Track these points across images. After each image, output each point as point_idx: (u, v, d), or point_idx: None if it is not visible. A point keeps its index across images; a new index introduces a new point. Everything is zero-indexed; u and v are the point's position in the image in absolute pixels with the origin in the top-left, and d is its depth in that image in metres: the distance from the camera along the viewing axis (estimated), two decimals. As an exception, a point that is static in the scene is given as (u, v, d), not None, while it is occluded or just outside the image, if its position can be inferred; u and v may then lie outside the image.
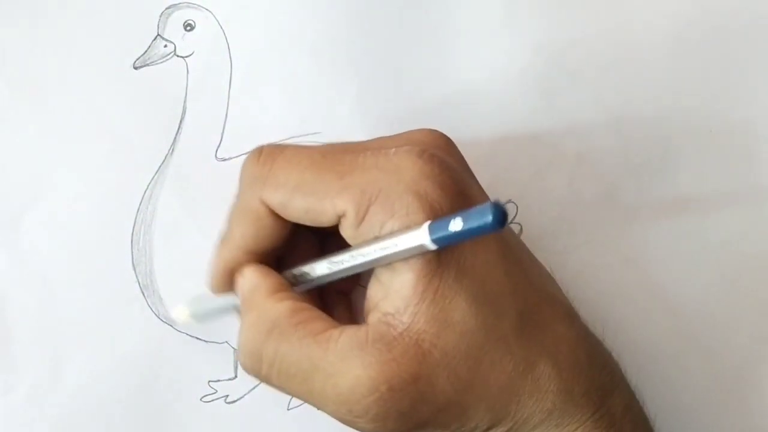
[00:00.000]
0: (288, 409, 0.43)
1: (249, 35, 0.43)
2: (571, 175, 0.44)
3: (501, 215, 0.31)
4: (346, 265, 0.35)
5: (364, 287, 0.37)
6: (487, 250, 0.35)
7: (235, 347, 0.43)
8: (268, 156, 0.37)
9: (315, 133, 0.43)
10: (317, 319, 0.35)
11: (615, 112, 0.44)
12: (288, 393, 0.36)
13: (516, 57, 0.44)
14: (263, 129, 0.43)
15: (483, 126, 0.39)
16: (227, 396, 0.43)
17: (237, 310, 0.39)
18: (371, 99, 0.43)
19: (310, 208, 0.35)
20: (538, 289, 0.37)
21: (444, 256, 0.34)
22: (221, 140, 0.43)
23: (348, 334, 0.34)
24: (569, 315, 0.38)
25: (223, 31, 0.43)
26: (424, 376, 0.34)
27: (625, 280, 0.44)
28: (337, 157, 0.36)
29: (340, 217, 0.35)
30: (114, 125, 0.42)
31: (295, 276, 0.37)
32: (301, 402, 0.43)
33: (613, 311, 0.39)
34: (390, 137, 0.37)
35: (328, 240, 0.39)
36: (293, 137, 0.43)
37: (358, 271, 0.36)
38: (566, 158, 0.44)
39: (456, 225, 0.32)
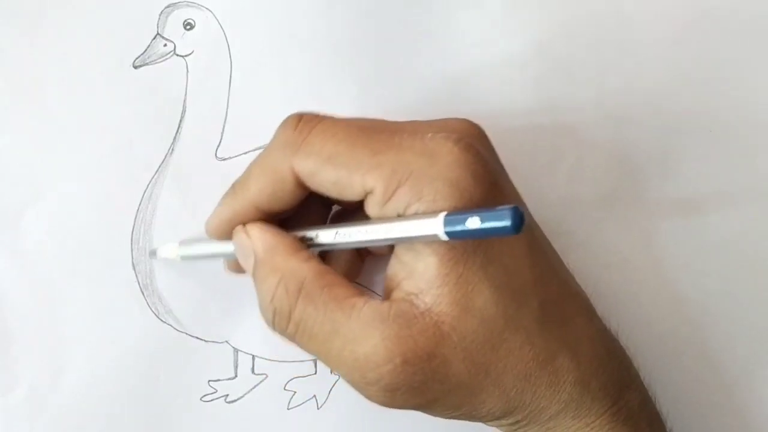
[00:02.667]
0: (288, 409, 0.43)
1: (249, 35, 0.43)
2: (571, 175, 0.44)
3: (519, 220, 0.31)
4: (355, 238, 0.35)
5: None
6: (514, 240, 0.35)
7: (235, 347, 0.43)
8: (307, 123, 0.36)
9: (315, 133, 0.43)
10: (341, 284, 0.36)
11: (615, 111, 0.44)
12: (307, 351, 0.36)
13: (516, 57, 0.44)
14: (263, 128, 0.42)
15: (482, 126, 0.38)
16: (227, 396, 0.43)
17: (227, 259, 0.39)
18: (371, 99, 0.43)
19: (339, 180, 0.35)
20: (560, 283, 0.37)
21: (471, 245, 0.34)
22: (221, 140, 0.43)
23: (371, 306, 0.35)
24: (589, 310, 0.38)
25: (223, 30, 0.43)
26: (439, 355, 0.34)
27: (624, 280, 0.44)
28: (375, 134, 0.36)
29: (366, 194, 0.35)
30: (114, 125, 0.42)
31: (300, 239, 0.37)
32: (301, 402, 0.43)
33: (613, 311, 0.39)
34: (425, 122, 0.37)
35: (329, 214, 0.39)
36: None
37: (366, 246, 0.36)
38: (566, 158, 0.44)
39: (473, 223, 0.32)
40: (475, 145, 0.35)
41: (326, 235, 0.36)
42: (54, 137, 0.42)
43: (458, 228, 0.32)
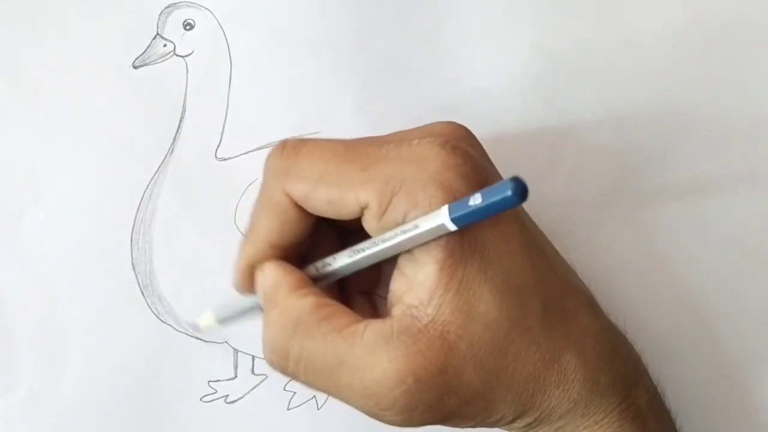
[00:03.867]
0: (288, 409, 0.43)
1: (249, 35, 0.43)
2: (571, 175, 0.44)
3: (521, 189, 0.30)
4: (368, 252, 0.35)
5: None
6: (510, 240, 0.35)
7: (235, 347, 0.43)
8: (292, 149, 0.36)
9: (315, 133, 0.43)
10: (341, 314, 0.35)
11: (615, 112, 0.44)
12: (314, 388, 0.36)
13: (516, 57, 0.44)
14: (263, 129, 0.43)
15: (483, 126, 0.38)
16: (227, 396, 0.43)
17: (261, 309, 0.39)
18: (371, 99, 0.43)
19: (333, 199, 0.35)
20: (561, 280, 0.37)
21: (467, 247, 0.34)
22: (221, 140, 0.43)
23: (373, 328, 0.34)
24: (592, 306, 0.38)
25: (223, 30, 0.43)
26: (450, 367, 0.34)
27: (625, 279, 0.44)
28: (360, 148, 0.36)
29: (362, 209, 0.35)
30: (114, 125, 0.42)
31: (317, 268, 0.37)
32: (301, 402, 0.43)
33: (615, 311, 0.39)
34: (411, 130, 0.37)
35: (350, 239, 0.39)
36: (293, 137, 0.43)
37: (381, 258, 0.35)
38: (566, 158, 0.44)
39: (475, 200, 0.32)
40: (461, 146, 0.35)
41: (342, 258, 0.36)
42: (54, 137, 0.42)
43: (462, 211, 0.32)
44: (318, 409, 0.43)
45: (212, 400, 0.43)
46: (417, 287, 0.34)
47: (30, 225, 0.42)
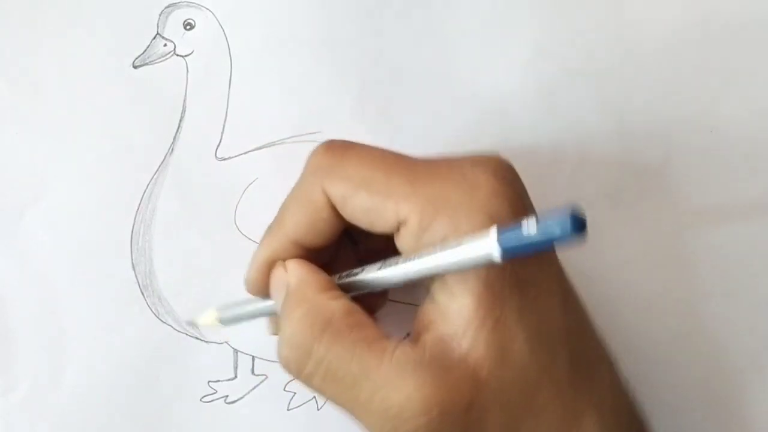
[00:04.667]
0: (288, 410, 0.43)
1: (249, 35, 0.43)
2: (572, 177, 0.44)
3: (579, 223, 0.28)
4: (401, 267, 0.33)
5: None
6: (550, 282, 0.34)
7: (235, 347, 0.43)
8: (339, 148, 0.35)
9: (315, 133, 0.43)
10: (371, 325, 0.34)
11: (616, 113, 0.44)
12: (328, 397, 0.34)
13: (516, 57, 0.43)
14: (263, 128, 0.43)
15: (483, 126, 0.38)
16: (227, 396, 0.43)
17: (265, 315, 0.38)
18: (371, 99, 0.43)
19: (372, 207, 0.34)
20: (587, 333, 0.36)
21: (507, 283, 0.32)
22: (221, 140, 0.43)
23: (404, 350, 0.33)
24: (610, 359, 0.37)
25: (223, 30, 0.43)
26: (477, 405, 0.32)
27: (627, 281, 0.44)
28: (410, 162, 0.34)
29: (399, 224, 0.34)
30: (114, 125, 0.42)
31: (340, 277, 0.36)
32: (301, 403, 0.43)
33: (613, 314, 0.39)
34: (460, 156, 0.35)
35: (368, 262, 0.37)
36: (293, 137, 0.43)
37: (411, 278, 0.33)
38: (567, 160, 0.44)
39: (529, 229, 0.29)
40: (509, 177, 0.34)
41: (371, 270, 0.35)
42: (54, 137, 0.42)
43: (514, 243, 0.29)
44: (318, 409, 0.43)
45: (212, 400, 0.43)
46: (452, 316, 0.33)
47: (30, 225, 0.42)
